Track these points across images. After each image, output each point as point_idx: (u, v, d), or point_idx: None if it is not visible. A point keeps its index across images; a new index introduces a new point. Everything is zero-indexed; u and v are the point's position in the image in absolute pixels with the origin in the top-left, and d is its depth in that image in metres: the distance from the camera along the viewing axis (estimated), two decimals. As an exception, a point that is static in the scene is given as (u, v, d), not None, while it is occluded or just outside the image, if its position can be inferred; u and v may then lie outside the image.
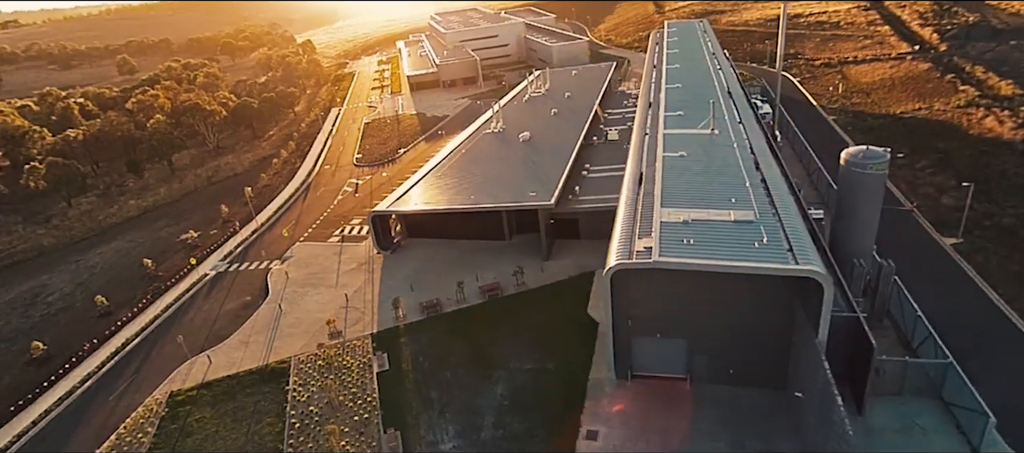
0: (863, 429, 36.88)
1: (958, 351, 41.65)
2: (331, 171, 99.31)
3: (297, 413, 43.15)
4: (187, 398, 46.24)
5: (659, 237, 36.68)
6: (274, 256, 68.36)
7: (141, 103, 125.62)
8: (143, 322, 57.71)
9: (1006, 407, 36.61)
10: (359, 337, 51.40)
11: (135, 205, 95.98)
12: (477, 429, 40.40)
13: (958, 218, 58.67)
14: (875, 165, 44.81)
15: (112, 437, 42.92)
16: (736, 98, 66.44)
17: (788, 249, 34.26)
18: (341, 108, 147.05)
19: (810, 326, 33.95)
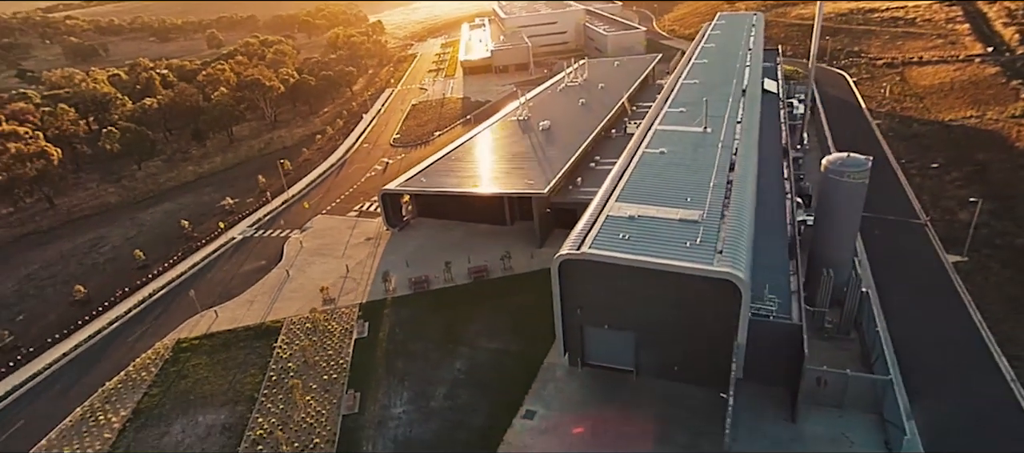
0: (791, 436, 37.01)
1: (918, 369, 40.79)
2: (368, 150, 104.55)
3: (276, 368, 47.70)
4: (190, 346, 51.93)
5: (598, 231, 37.94)
6: (295, 226, 73.82)
7: (209, 76, 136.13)
8: (170, 277, 64.52)
9: (944, 428, 35.90)
10: (348, 305, 55.45)
11: (192, 171, 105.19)
12: (428, 398, 43.35)
13: (974, 235, 55.58)
14: (854, 174, 43.84)
15: (122, 373, 49.09)
16: (749, 96, 65.04)
17: (717, 251, 34.67)
18: (394, 89, 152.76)
19: (733, 328, 34.38)
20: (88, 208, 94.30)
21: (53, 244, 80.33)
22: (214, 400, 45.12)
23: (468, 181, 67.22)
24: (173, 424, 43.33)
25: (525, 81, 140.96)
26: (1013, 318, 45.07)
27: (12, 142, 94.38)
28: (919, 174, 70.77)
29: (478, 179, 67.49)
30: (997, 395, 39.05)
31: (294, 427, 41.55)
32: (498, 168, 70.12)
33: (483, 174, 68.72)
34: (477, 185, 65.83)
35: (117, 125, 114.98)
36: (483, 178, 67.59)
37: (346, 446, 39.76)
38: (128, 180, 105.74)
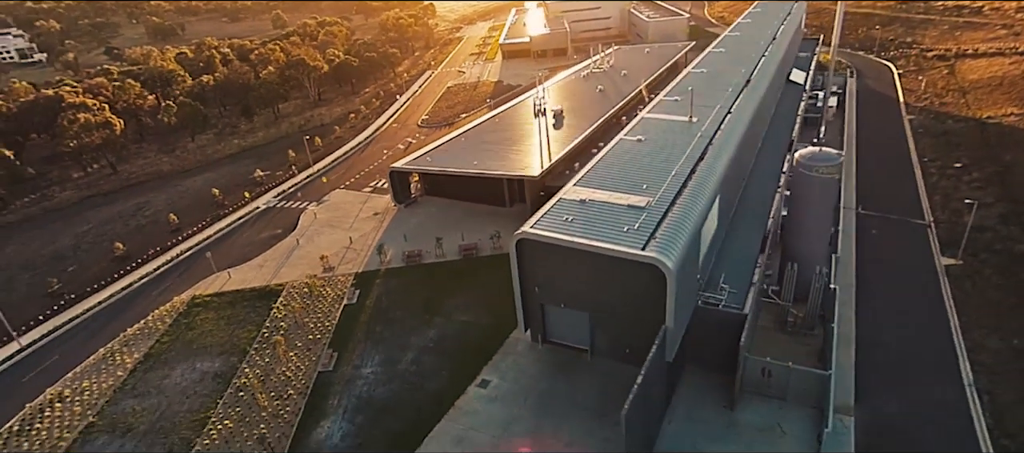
0: (725, 422, 38.11)
1: (876, 368, 40.78)
2: (396, 130, 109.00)
3: (270, 326, 52.42)
4: (202, 302, 57.56)
5: (545, 212, 39.89)
6: (314, 198, 78.95)
7: (261, 56, 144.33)
8: (197, 240, 70.90)
9: (885, 426, 36.16)
10: (345, 274, 59.67)
11: (236, 144, 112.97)
12: (396, 362, 46.81)
13: (977, 238, 53.75)
14: (823, 169, 43.61)
15: (141, 322, 55.21)
16: (751, 87, 64.33)
17: (652, 237, 35.99)
18: (434, 71, 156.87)
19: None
20: (144, 175, 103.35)
21: (110, 206, 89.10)
22: (212, 350, 50.30)
23: (470, 163, 69.91)
24: (175, 368, 48.78)
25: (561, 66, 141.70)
26: (989, 324, 43.85)
27: (82, 113, 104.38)
28: (938, 173, 68.04)
29: (481, 161, 70.08)
30: (949, 399, 38.58)
31: (274, 379, 46.01)
32: (501, 151, 72.43)
33: (486, 156, 71.24)
34: (478, 167, 68.42)
35: (176, 100, 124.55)
36: (485, 160, 70.12)
37: (315, 399, 43.78)
38: (181, 151, 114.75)
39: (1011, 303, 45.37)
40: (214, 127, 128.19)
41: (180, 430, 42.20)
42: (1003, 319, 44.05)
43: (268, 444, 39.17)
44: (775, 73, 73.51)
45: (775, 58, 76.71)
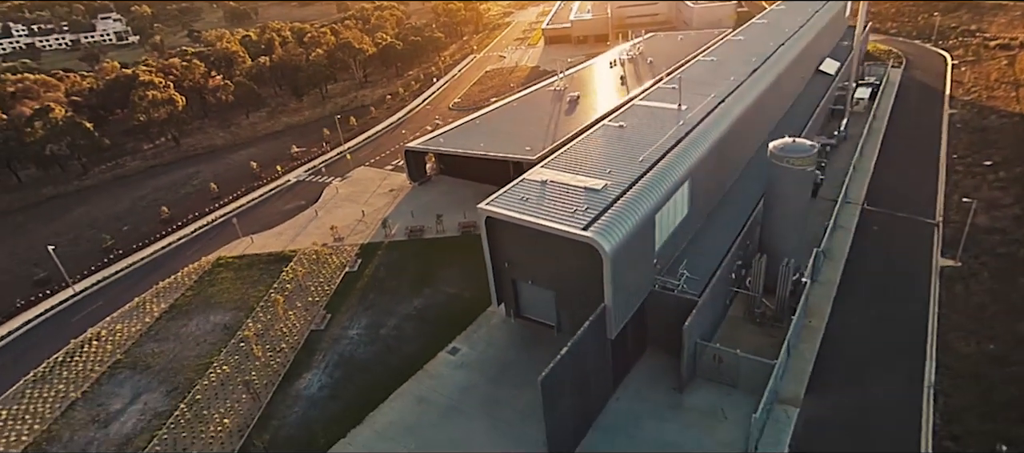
0: (671, 403, 39.58)
1: (838, 363, 40.97)
2: (429, 112, 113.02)
3: (277, 287, 57.52)
4: (225, 263, 63.58)
5: (506, 190, 42.23)
6: (339, 174, 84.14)
7: (313, 38, 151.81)
8: (231, 208, 77.50)
9: (830, 420, 36.65)
10: (351, 244, 64.17)
11: (284, 122, 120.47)
12: (380, 326, 50.71)
13: (983, 240, 51.91)
14: (795, 160, 43.58)
15: (172, 277, 61.76)
16: (756, 76, 63.55)
17: (595, 218, 37.68)
18: (477, 56, 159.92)
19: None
20: (201, 148, 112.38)
21: (167, 174, 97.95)
22: (225, 306, 55.92)
23: (478, 144, 72.67)
24: (193, 319, 54.71)
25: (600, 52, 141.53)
26: (969, 328, 42.74)
27: (150, 90, 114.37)
28: (964, 171, 65.07)
29: (488, 143, 72.70)
30: (904, 398, 38.28)
31: (272, 334, 50.94)
32: (511, 134, 74.73)
33: (495, 139, 73.75)
34: (484, 149, 71.12)
35: (235, 80, 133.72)
36: (494, 142, 72.67)
37: (303, 354, 48.31)
38: (235, 127, 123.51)
39: (998, 308, 43.93)
40: (267, 105, 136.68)
41: (186, 371, 47.79)
42: (985, 323, 42.84)
43: (253, 389, 43.89)
44: (794, 62, 71.86)
45: (797, 47, 74.81)
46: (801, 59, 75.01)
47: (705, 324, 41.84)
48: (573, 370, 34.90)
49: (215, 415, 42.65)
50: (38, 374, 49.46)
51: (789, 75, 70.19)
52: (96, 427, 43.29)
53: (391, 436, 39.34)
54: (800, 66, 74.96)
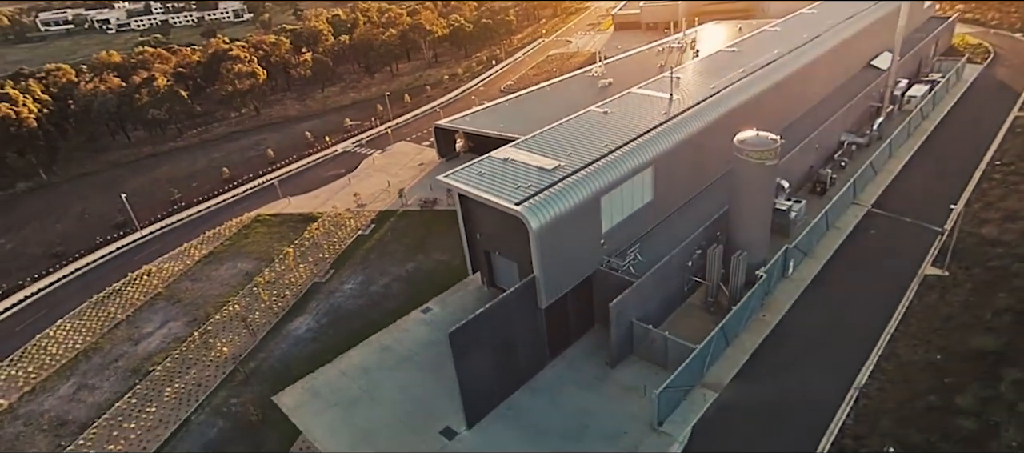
0: (598, 376, 42.11)
1: (775, 356, 41.56)
2: (482, 92, 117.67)
3: (297, 243, 64.96)
4: (262, 220, 72.18)
5: (467, 166, 45.86)
6: (380, 147, 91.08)
7: (390, 19, 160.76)
8: (281, 172, 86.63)
9: (740, 407, 37.88)
10: (370, 210, 70.53)
11: (351, 97, 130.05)
12: (371, 284, 56.46)
13: (985, 251, 49.25)
14: (756, 154, 43.86)
15: (215, 229, 71.18)
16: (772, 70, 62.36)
17: (533, 195, 40.48)
18: (545, 40, 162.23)
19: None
20: (276, 118, 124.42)
21: (241, 140, 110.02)
22: (252, 256, 64.12)
23: (499, 125, 76.33)
24: (223, 265, 63.34)
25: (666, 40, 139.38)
26: (924, 337, 41.23)
27: (236, 64, 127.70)
28: (1000, 180, 60.42)
29: (510, 124, 76.16)
30: (827, 395, 38.13)
31: (281, 282, 58.21)
32: (532, 116, 77.46)
33: (518, 120, 77.02)
34: (502, 130, 74.70)
35: (316, 56, 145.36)
36: (515, 123, 76.03)
37: (302, 301, 55.10)
38: (310, 100, 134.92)
39: (963, 319, 42.04)
40: (343, 81, 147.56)
41: (206, 306, 56.09)
42: (943, 334, 41.27)
43: (251, 326, 51.12)
44: (827, 56, 69.28)
45: (832, 41, 71.75)
46: (838, 53, 71.90)
47: (647, 306, 43.46)
48: (492, 332, 38.31)
49: (218, 344, 50.27)
50: (99, 298, 59.87)
51: (817, 69, 67.83)
52: (129, 344, 52.42)
53: (349, 375, 44.81)
54: (835, 60, 71.90)
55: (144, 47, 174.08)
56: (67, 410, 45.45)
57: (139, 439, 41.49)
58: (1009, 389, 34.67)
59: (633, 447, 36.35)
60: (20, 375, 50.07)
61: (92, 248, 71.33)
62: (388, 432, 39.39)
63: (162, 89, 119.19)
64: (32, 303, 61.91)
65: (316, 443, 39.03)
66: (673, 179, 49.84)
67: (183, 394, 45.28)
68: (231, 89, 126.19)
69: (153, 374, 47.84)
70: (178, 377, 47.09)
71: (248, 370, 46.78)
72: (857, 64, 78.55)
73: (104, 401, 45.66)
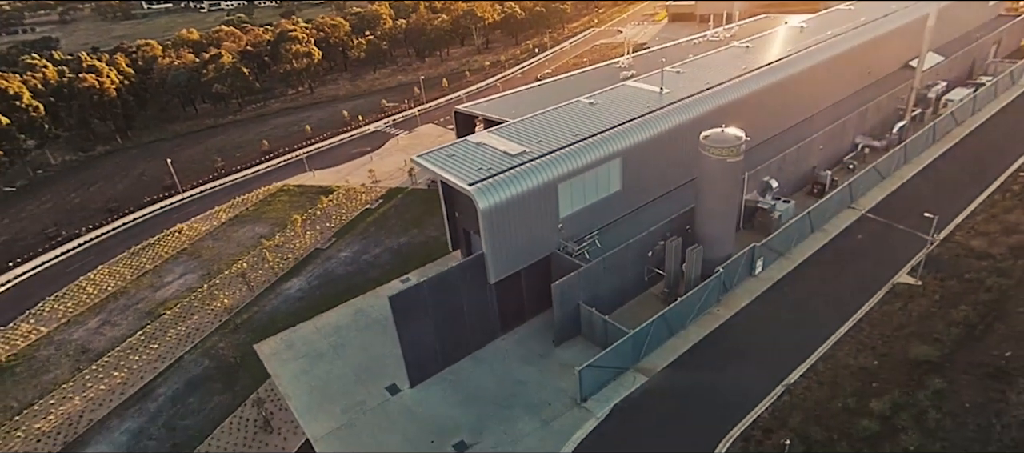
0: (541, 352, 44.43)
1: (713, 348, 42.46)
2: (519, 79, 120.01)
3: (310, 212, 70.46)
4: (286, 190, 78.42)
5: (441, 147, 48.82)
6: (408, 128, 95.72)
7: (445, 5, 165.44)
8: (315, 147, 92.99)
9: (666, 390, 39.38)
10: (382, 187, 75.12)
11: (398, 79, 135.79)
12: (365, 253, 60.91)
13: (970, 264, 47.47)
14: (719, 150, 44.38)
15: (244, 196, 78.05)
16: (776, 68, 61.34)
17: (488, 177, 42.92)
18: (597, 29, 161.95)
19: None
20: (327, 97, 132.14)
21: (291, 116, 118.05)
22: (269, 221, 70.22)
23: (511, 112, 78.59)
24: (243, 228, 69.80)
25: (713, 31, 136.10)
26: (869, 344, 40.39)
27: (294, 44, 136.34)
28: (1018, 191, 57.01)
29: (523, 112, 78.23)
30: (754, 385, 38.58)
31: (287, 247, 63.74)
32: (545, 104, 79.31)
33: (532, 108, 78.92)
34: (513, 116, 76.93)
35: (371, 39, 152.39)
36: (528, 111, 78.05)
37: (300, 265, 60.30)
38: (361, 81, 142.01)
39: (915, 329, 40.91)
40: (395, 64, 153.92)
41: (219, 263, 62.46)
42: (889, 342, 40.35)
43: (249, 282, 56.75)
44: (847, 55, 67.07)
45: (857, 41, 69.13)
46: (858, 53, 69.20)
47: (598, 291, 45.10)
48: (437, 301, 41.38)
49: (221, 296, 56.23)
50: (135, 250, 67.79)
51: (828, 69, 65.78)
52: (150, 290, 59.46)
53: (322, 332, 49.26)
54: (856, 60, 69.26)
55: (221, 26, 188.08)
56: (90, 341, 52.65)
57: (139, 370, 47.75)
58: (926, 397, 34.26)
59: (552, 418, 38.54)
60: (61, 308, 58.12)
61: (140, 206, 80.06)
62: (341, 383, 43.45)
63: (226, 66, 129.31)
64: (84, 249, 70.78)
65: (279, 386, 43.67)
66: (646, 172, 50.76)
67: (183, 336, 51.34)
68: (288, 68, 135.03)
69: (163, 317, 54.35)
70: (182, 321, 53.31)
71: (240, 320, 52.27)
72: (889, 65, 75.01)
73: (119, 336, 52.51)
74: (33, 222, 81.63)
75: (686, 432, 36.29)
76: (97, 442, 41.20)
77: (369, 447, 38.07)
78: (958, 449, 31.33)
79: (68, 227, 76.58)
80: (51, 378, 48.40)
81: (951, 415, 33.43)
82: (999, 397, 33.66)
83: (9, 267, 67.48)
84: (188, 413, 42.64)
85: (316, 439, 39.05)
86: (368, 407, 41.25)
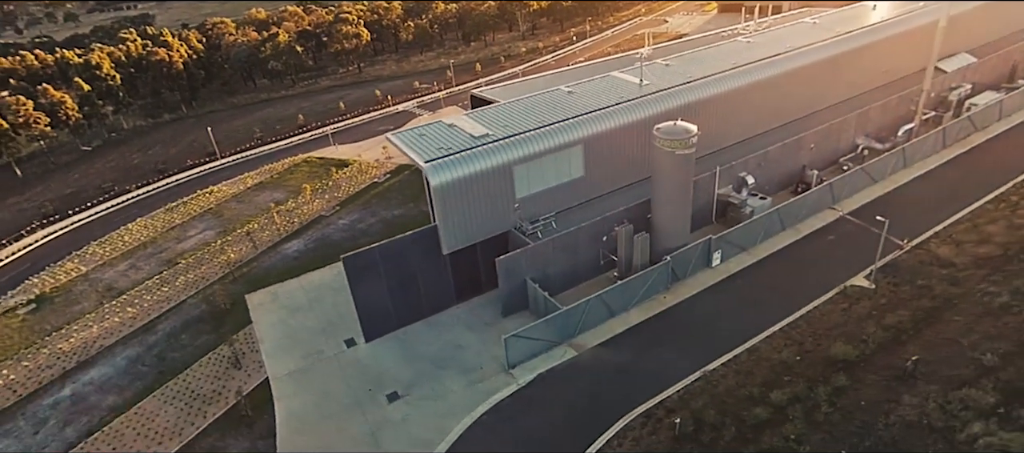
0: (487, 320, 47.75)
1: (637, 336, 44.42)
2: (549, 67, 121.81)
3: (323, 183, 76.30)
4: (307, 161, 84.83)
5: (415, 127, 52.58)
6: (431, 109, 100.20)
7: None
8: (345, 124, 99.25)
9: (585, 365, 42.05)
10: (392, 163, 79.99)
11: (440, 62, 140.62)
12: (360, 222, 65.88)
13: (924, 270, 46.82)
14: (669, 143, 45.82)
15: (271, 165, 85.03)
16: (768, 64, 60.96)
17: (446, 157, 46.27)
18: (642, 18, 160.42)
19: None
20: (372, 76, 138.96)
21: (334, 94, 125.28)
22: (286, 188, 76.66)
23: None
24: (264, 193, 76.57)
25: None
26: (798, 340, 40.97)
27: (344, 26, 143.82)
28: (1014, 203, 54.53)
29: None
30: (670, 372, 40.04)
31: (295, 212, 69.73)
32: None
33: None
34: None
35: (417, 23, 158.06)
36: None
37: (304, 229, 66.02)
38: (406, 63, 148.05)
39: (848, 329, 40.91)
40: (441, 47, 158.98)
41: (235, 223, 69.27)
42: (818, 340, 40.35)
43: (252, 238, 63.03)
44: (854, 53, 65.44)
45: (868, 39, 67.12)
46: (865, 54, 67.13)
47: (549, 270, 47.79)
48: (389, 265, 45.41)
49: (229, 251, 62.80)
50: (170, 207, 76.01)
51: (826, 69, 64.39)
52: (174, 242, 67.05)
53: (306, 289, 54.60)
54: (866, 59, 67.23)
55: (287, 6, 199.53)
56: (116, 281, 60.50)
57: (148, 308, 54.78)
58: (825, 393, 35.09)
59: (478, 380, 41.89)
60: (100, 252, 66.68)
61: (184, 169, 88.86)
62: (308, 333, 48.52)
63: (281, 45, 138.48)
64: (131, 204, 79.96)
65: (256, 331, 49.24)
66: (611, 160, 52.47)
67: (190, 283, 58.12)
68: (338, 48, 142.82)
69: (178, 265, 61.50)
70: (193, 270, 60.18)
71: (240, 273, 58.46)
72: (909, 66, 71.99)
73: (140, 279, 60.03)
74: (98, 177, 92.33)
75: (596, 405, 38.64)
76: (102, 364, 48.22)
77: (316, 390, 42.81)
78: (835, 441, 32.31)
79: (123, 184, 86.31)
80: (79, 309, 56.35)
81: (843, 411, 34.24)
82: (894, 398, 34.13)
83: (69, 214, 77.44)
84: (178, 347, 48.96)
85: (274, 378, 44.23)
86: (325, 356, 46.04)
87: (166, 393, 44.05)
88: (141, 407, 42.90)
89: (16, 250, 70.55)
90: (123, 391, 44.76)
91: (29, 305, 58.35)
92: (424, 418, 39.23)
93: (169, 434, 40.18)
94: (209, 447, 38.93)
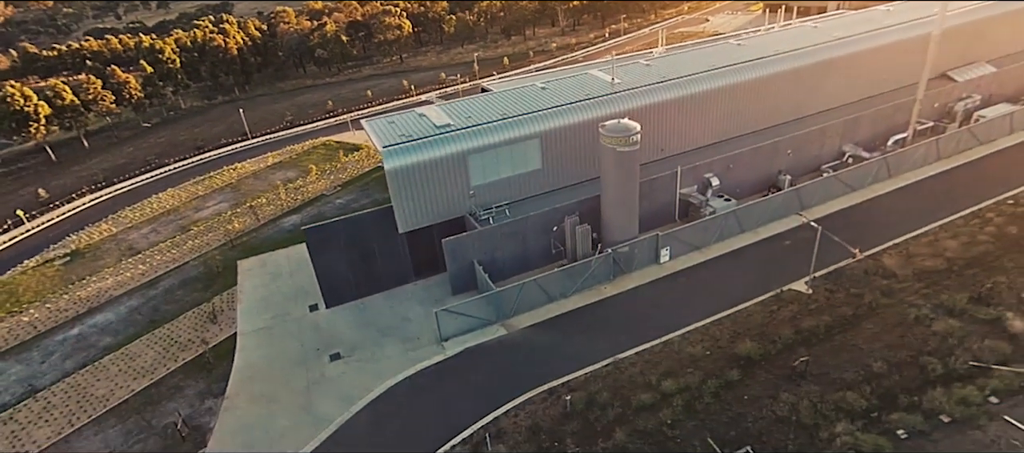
0: (437, 297, 51.43)
1: (574, 322, 46.82)
2: (581, 60, 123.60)
3: (333, 165, 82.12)
4: (325, 145, 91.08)
5: (388, 115, 56.63)
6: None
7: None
8: (368, 111, 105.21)
9: (514, 344, 45.08)
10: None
11: (475, 56, 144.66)
12: (358, 201, 70.90)
13: (864, 279, 46.85)
14: (613, 140, 47.86)
15: (291, 146, 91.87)
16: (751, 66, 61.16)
17: (406, 143, 50.06)
18: (685, 16, 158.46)
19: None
20: (411, 66, 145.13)
21: (368, 82, 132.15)
22: (300, 168, 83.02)
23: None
24: (279, 172, 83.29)
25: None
26: (713, 335, 42.16)
27: (387, 17, 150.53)
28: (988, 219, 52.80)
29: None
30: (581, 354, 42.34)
31: (302, 190, 75.78)
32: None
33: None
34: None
35: (459, 17, 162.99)
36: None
37: (305, 205, 71.87)
38: (445, 54, 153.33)
39: (765, 330, 41.58)
40: (483, 41, 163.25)
41: (247, 197, 76.07)
42: (734, 338, 41.43)
43: (255, 212, 69.37)
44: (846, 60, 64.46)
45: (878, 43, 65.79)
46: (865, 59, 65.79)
47: (498, 255, 50.86)
48: (348, 239, 49.82)
49: (235, 222, 69.42)
50: (198, 180, 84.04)
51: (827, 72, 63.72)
52: (193, 211, 74.58)
53: (290, 259, 60.08)
54: (859, 66, 65.93)
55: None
56: (137, 242, 68.38)
57: (156, 266, 61.96)
58: (713, 385, 36.63)
59: (413, 348, 45.70)
60: (130, 217, 75.19)
61: (218, 147, 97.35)
62: (279, 298, 53.83)
63: (328, 34, 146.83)
64: (167, 177, 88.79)
65: (238, 292, 55.09)
66: (569, 155, 54.73)
67: (196, 247, 65.00)
68: (381, 39, 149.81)
69: (190, 231, 68.71)
70: (201, 237, 67.14)
71: (239, 241, 64.83)
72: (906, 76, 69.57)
73: (157, 241, 67.60)
74: (148, 151, 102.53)
75: (509, 379, 41.49)
76: (108, 310, 55.45)
77: (275, 346, 47.90)
78: (704, 429, 34.01)
79: (164, 158, 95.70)
80: (102, 264, 64.34)
81: (723, 403, 35.74)
82: (774, 395, 35.32)
83: (114, 182, 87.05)
84: (171, 301, 55.50)
85: (242, 333, 49.67)
86: (289, 318, 51.13)
87: (152, 339, 50.43)
88: (128, 348, 49.40)
89: (65, 211, 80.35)
90: (118, 334, 51.55)
91: (65, 258, 67.03)
92: (356, 377, 43.43)
93: (145, 372, 46.35)
94: (173, 384, 44.76)
